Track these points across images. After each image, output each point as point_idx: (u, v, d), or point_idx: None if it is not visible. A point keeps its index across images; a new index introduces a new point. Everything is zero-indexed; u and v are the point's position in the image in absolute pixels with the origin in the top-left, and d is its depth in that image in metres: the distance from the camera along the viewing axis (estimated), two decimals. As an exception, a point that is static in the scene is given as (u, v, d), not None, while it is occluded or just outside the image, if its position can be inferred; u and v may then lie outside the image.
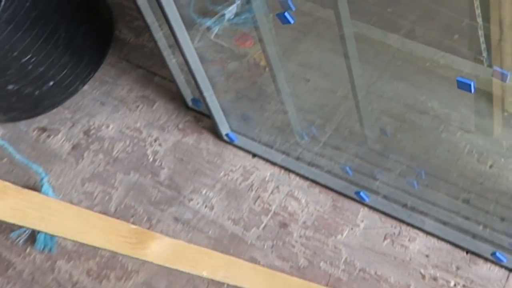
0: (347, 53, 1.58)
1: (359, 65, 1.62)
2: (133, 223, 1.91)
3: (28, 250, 1.96)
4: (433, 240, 1.65)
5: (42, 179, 2.00)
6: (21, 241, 1.97)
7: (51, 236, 1.94)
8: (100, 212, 1.96)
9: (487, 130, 1.71)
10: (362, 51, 1.61)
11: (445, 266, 1.61)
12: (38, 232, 1.95)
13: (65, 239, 0.78)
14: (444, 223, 1.66)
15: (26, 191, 0.76)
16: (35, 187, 2.06)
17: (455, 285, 1.58)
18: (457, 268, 1.59)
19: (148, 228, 1.89)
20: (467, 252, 1.61)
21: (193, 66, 1.79)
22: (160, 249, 0.91)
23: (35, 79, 2.12)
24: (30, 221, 0.75)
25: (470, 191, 1.65)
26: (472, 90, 1.27)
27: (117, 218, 1.91)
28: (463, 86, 1.28)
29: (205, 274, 0.98)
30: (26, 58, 2.02)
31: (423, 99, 1.85)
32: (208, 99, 1.89)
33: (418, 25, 1.88)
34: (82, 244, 1.90)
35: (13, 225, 1.95)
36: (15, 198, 0.74)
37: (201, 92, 1.87)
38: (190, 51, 1.75)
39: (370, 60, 1.81)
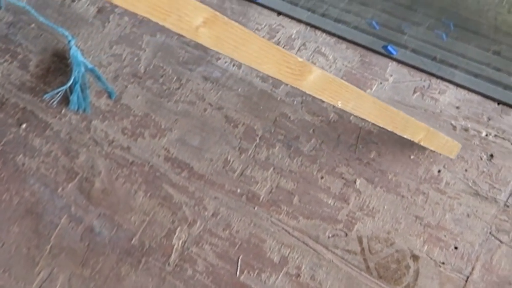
0: None
1: None
2: (162, 83, 1.75)
3: (63, 111, 1.81)
4: (464, 92, 1.49)
5: (69, 41, 1.81)
6: (55, 102, 1.81)
7: (84, 97, 1.79)
8: (129, 73, 1.80)
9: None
10: None
11: (476, 117, 1.46)
12: (71, 93, 1.79)
13: (247, 65, 0.79)
14: (475, 75, 1.49)
15: (231, 22, 0.75)
16: (64, 51, 1.88)
17: (486, 135, 1.43)
18: (489, 119, 1.45)
19: (178, 88, 1.73)
20: (498, 103, 1.46)
21: None
22: (313, 80, 0.92)
23: None
24: (226, 50, 0.76)
25: (501, 42, 1.47)
26: None
27: (147, 78, 1.76)
28: None
29: (339, 104, 1.00)
30: None
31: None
32: (231, -43, 1.69)
33: None
34: (116, 104, 1.75)
35: (47, 87, 1.79)
36: (220, 28, 0.73)
37: (224, -50, 1.66)
38: None
39: None
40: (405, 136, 1.25)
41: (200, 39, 0.72)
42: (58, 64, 1.89)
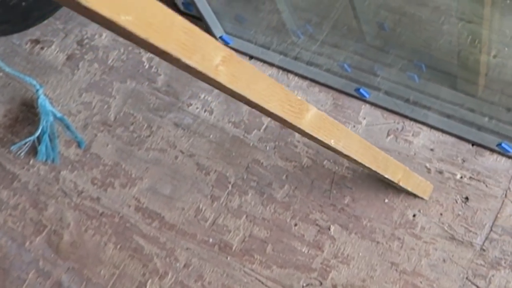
0: None
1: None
2: (133, 131, 1.76)
3: (31, 162, 1.81)
4: (438, 134, 1.51)
5: (37, 91, 1.82)
6: (22, 153, 1.82)
7: (53, 147, 1.79)
8: (99, 121, 1.80)
9: (489, 20, 1.54)
10: None
11: (451, 159, 1.47)
12: (39, 143, 1.79)
13: (252, 105, 0.84)
14: (448, 116, 1.51)
15: (244, 61, 0.79)
16: (32, 100, 1.89)
17: (461, 177, 1.45)
18: (463, 161, 1.46)
19: (149, 136, 1.74)
20: (472, 144, 1.47)
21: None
22: (310, 119, 0.96)
23: (20, -11, 1.91)
24: (240, 87, 0.79)
25: (474, 82, 1.50)
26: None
27: (117, 126, 1.77)
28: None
29: (332, 142, 1.04)
30: (10, -33, 1.82)
31: (422, -10, 1.67)
32: (198, 2, 1.71)
33: None
34: (85, 154, 1.76)
35: (15, 138, 1.79)
36: (235, 66, 0.77)
37: (191, -6, 1.69)
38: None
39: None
40: (386, 176, 1.27)
41: (219, 77, 0.75)
42: (27, 114, 1.89)
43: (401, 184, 1.35)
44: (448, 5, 1.60)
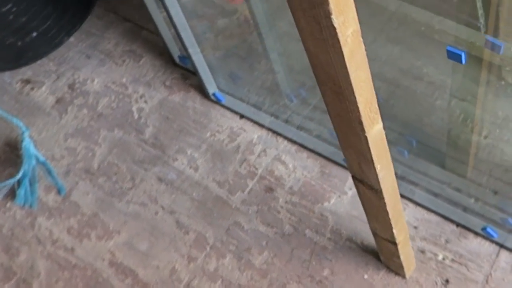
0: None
1: (354, 27, 1.48)
2: (115, 181, 1.78)
3: (8, 204, 1.83)
4: (423, 212, 1.53)
5: (23, 133, 1.86)
6: (1, 196, 1.84)
7: (32, 191, 1.82)
8: (82, 169, 1.83)
9: (482, 100, 1.58)
10: (356, 11, 1.46)
11: (434, 239, 1.49)
12: (18, 187, 1.82)
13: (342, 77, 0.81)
14: (435, 195, 1.54)
15: None
16: (16, 141, 1.93)
17: (443, 258, 1.47)
18: (446, 242, 1.48)
19: (131, 188, 1.76)
20: (457, 225, 1.50)
21: (177, 21, 1.64)
22: (375, 133, 0.97)
23: (17, 30, 1.96)
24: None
25: (463, 162, 1.53)
26: (463, 61, 1.15)
27: (100, 175, 1.79)
28: (454, 57, 1.16)
29: (378, 167, 1.03)
30: (7, 8, 1.87)
31: (418, 64, 1.71)
32: (194, 57, 1.75)
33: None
34: (64, 201, 1.78)
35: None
36: None
37: (186, 49, 1.73)
38: (174, 5, 1.60)
39: (364, 22, 1.66)
40: (394, 231, 1.25)
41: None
42: (9, 155, 1.92)
43: (400, 246, 1.34)
44: (443, 81, 1.64)
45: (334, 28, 0.72)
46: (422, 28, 1.51)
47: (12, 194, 1.83)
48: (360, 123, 0.92)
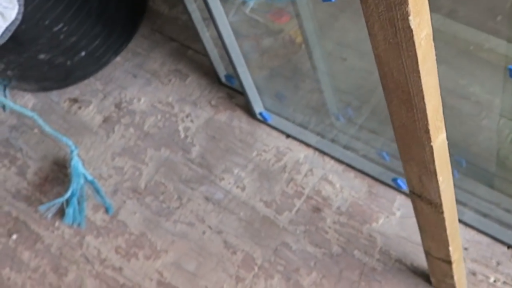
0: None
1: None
2: (162, 201, 1.82)
3: (56, 223, 1.88)
4: (473, 233, 1.54)
5: (72, 151, 1.91)
6: (49, 214, 1.89)
7: (80, 210, 1.87)
8: (129, 188, 1.88)
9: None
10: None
11: (485, 261, 1.50)
12: (67, 206, 1.87)
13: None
14: (484, 215, 1.55)
15: None
16: (64, 160, 1.98)
17: (495, 281, 1.47)
18: (498, 264, 1.49)
19: (178, 208, 1.80)
20: (508, 247, 1.50)
21: (227, 41, 1.68)
22: (439, 144, 0.97)
23: (67, 49, 2.02)
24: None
25: (513, 183, 1.54)
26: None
27: (147, 195, 1.84)
28: (515, 76, 1.17)
29: (440, 179, 1.03)
30: (58, 27, 1.92)
31: (465, 83, 1.72)
32: (241, 76, 1.79)
33: (460, 4, 1.74)
34: (112, 220, 1.83)
35: (43, 197, 1.86)
36: None
37: (234, 68, 1.76)
38: (225, 25, 1.64)
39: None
40: (450, 249, 1.26)
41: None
42: (57, 173, 1.98)
43: (454, 266, 1.34)
44: (490, 101, 1.65)
45: (411, 30, 0.72)
46: (470, 47, 1.53)
47: (60, 213, 1.89)
48: (427, 131, 0.91)
